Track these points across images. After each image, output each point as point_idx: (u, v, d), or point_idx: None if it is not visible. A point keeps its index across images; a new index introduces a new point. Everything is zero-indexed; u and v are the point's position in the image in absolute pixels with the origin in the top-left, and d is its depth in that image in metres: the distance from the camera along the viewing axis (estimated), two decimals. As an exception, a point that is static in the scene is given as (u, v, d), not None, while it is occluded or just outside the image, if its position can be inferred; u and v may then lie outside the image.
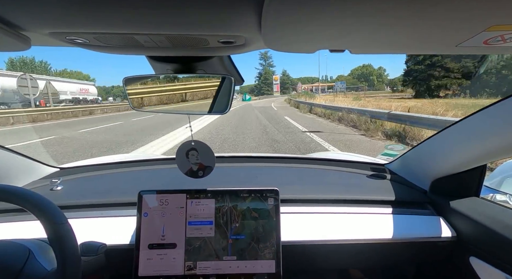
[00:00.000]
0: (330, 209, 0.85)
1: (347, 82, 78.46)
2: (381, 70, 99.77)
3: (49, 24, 0.35)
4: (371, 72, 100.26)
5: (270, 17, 0.31)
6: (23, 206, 0.50)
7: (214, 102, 0.64)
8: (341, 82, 60.57)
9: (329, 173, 1.14)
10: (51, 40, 0.40)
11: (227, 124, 9.52)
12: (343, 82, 60.80)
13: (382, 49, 0.44)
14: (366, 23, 0.32)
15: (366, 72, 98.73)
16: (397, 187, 0.97)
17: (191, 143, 0.72)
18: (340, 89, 51.76)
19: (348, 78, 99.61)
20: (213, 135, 7.06)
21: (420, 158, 0.96)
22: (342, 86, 54.88)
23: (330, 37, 0.37)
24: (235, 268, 0.67)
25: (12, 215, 0.84)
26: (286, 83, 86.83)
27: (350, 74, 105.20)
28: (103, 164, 1.24)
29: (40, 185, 1.00)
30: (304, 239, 0.76)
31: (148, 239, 0.67)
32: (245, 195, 0.70)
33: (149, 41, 0.42)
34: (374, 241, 0.77)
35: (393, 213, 0.84)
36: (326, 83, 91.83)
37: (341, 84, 57.13)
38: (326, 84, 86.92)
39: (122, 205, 0.87)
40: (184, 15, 0.33)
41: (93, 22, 0.34)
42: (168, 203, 0.69)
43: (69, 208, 0.84)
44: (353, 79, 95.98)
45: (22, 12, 0.31)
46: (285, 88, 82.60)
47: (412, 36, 0.36)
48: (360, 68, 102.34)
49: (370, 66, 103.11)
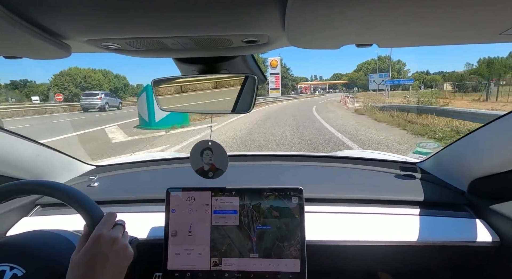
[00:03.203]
0: (355, 209, 0.83)
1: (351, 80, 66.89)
2: (400, 64, 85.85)
3: (87, 32, 0.38)
4: (390, 67, 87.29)
5: (294, 14, 0.30)
6: (67, 202, 0.54)
7: (237, 102, 0.64)
8: (382, 74, 37.05)
9: (355, 171, 1.11)
10: (89, 47, 0.44)
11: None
12: (385, 74, 36.73)
13: (413, 41, 0.41)
14: (396, 14, 0.30)
15: (383, 66, 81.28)
16: (429, 187, 0.91)
17: (208, 142, 0.73)
18: (378, 86, 33.81)
19: (355, 75, 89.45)
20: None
21: (458, 156, 0.90)
22: (382, 82, 32.60)
23: (357, 31, 0.36)
24: (260, 266, 0.67)
25: (57, 208, 0.92)
26: (284, 79, 64.30)
27: (358, 70, 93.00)
28: (135, 162, 1.31)
29: (79, 182, 1.08)
30: (329, 239, 0.75)
31: (176, 234, 0.70)
32: (268, 193, 0.70)
33: (176, 44, 0.44)
34: (404, 243, 0.73)
35: (425, 214, 0.80)
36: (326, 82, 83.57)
37: (382, 77, 34.81)
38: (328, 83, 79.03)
39: (151, 201, 0.91)
40: (209, 17, 0.34)
41: (125, 29, 0.37)
42: (194, 200, 0.71)
43: (104, 203, 0.90)
44: (364, 76, 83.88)
45: (64, 22, 0.34)
46: (281, 85, 53.72)
47: (447, 25, 0.34)
48: (372, 62, 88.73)
49: (388, 58, 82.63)
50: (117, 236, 0.50)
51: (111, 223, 0.51)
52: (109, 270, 0.46)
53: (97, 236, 0.47)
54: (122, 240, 0.50)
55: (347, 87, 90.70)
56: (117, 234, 0.50)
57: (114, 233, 0.50)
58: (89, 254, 0.45)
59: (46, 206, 0.94)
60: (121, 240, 0.50)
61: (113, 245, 0.48)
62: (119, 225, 0.53)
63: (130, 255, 0.51)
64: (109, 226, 0.51)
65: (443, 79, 67.13)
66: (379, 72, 48.68)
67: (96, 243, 0.47)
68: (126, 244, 0.51)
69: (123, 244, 0.50)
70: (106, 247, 0.47)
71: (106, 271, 0.45)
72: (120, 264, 0.49)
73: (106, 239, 0.47)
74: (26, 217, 0.90)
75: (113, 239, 0.48)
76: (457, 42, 0.41)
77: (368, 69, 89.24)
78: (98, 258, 0.45)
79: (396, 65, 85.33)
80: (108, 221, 0.51)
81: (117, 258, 0.48)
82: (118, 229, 0.52)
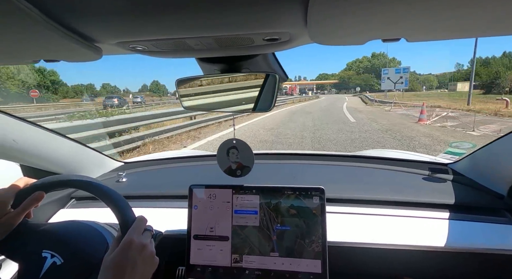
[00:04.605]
0: (380, 211, 0.80)
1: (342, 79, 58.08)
2: (395, 62, 75.75)
3: (117, 35, 0.40)
4: (385, 65, 70.62)
5: (317, 9, 0.29)
6: (105, 201, 0.57)
7: (258, 100, 0.64)
8: (399, 69, 25.84)
9: (380, 172, 1.06)
10: (118, 49, 0.46)
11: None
12: (405, 69, 25.33)
13: (445, 34, 0.38)
14: (426, 6, 0.28)
15: (377, 64, 72.64)
16: (463, 190, 0.85)
17: (232, 141, 0.73)
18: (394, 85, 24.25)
19: (346, 74, 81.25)
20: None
21: (497, 157, 0.83)
22: (400, 80, 24.13)
23: (383, 25, 0.34)
24: (280, 265, 0.67)
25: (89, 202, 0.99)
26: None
27: (348, 69, 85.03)
28: (160, 159, 1.37)
29: (109, 177, 1.15)
30: (351, 240, 0.73)
31: (198, 230, 0.72)
32: (289, 192, 0.69)
33: (198, 44, 0.45)
34: (433, 248, 0.69)
35: (457, 218, 0.75)
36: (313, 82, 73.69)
37: (400, 73, 24.93)
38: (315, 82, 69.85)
39: (175, 197, 0.95)
40: (230, 16, 0.34)
41: (151, 31, 0.38)
42: (215, 197, 0.73)
43: (131, 198, 0.95)
44: (356, 75, 76.13)
45: (96, 27, 0.37)
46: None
47: (485, 16, 0.31)
48: (365, 60, 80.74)
49: (384, 56, 73.38)
50: (146, 243, 0.52)
51: (142, 229, 0.54)
52: (136, 275, 0.48)
53: (128, 241, 0.50)
54: (150, 247, 0.53)
55: (337, 87, 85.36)
56: (146, 240, 0.52)
57: (144, 239, 0.52)
58: (120, 258, 0.48)
59: (80, 199, 1.01)
60: (149, 247, 0.53)
61: (142, 252, 0.50)
62: (148, 231, 0.55)
63: (156, 263, 0.53)
64: (140, 231, 0.53)
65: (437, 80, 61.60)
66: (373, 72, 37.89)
67: (126, 248, 0.49)
68: (153, 251, 0.53)
69: (151, 251, 0.53)
70: (135, 254, 0.49)
71: (134, 275, 0.48)
72: (147, 270, 0.51)
73: (136, 245, 0.50)
74: (63, 209, 0.97)
75: (142, 245, 0.51)
76: (498, 34, 0.37)
77: (360, 67, 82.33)
78: (128, 263, 0.48)
79: (391, 64, 75.89)
80: (139, 227, 0.53)
81: (144, 264, 0.50)
82: (147, 235, 0.54)
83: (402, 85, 25.08)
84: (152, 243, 0.55)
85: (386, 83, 26.51)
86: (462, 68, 70.91)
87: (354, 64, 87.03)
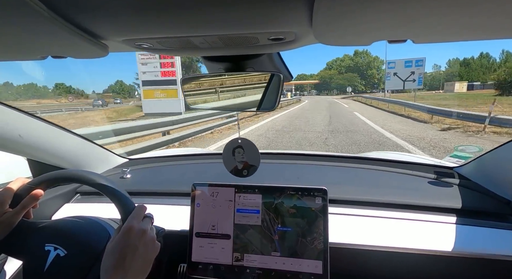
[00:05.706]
0: (383, 213, 0.79)
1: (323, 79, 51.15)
2: (378, 61, 68.38)
3: (123, 33, 0.40)
4: (369, 64, 61.90)
5: (322, 9, 0.29)
6: (104, 192, 0.58)
7: (262, 99, 0.64)
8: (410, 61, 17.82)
9: (384, 174, 1.05)
10: (124, 46, 0.46)
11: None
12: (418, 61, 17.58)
13: (454, 36, 0.38)
14: (434, 5, 0.28)
15: (361, 64, 63.84)
16: (468, 194, 0.84)
17: (238, 140, 0.73)
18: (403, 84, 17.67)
19: (327, 73, 75.19)
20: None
21: (504, 162, 0.81)
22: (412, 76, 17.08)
23: (390, 26, 0.34)
24: (281, 264, 0.67)
25: (94, 197, 1.00)
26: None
27: (328, 68, 78.77)
28: (164, 156, 1.38)
29: (113, 173, 1.16)
30: (353, 242, 0.72)
31: (200, 228, 0.72)
32: (291, 192, 0.69)
33: (203, 42, 0.45)
34: (437, 252, 0.69)
35: (462, 223, 0.74)
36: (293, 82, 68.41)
37: (411, 67, 17.78)
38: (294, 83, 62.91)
39: (178, 194, 0.95)
40: (235, 15, 0.34)
41: (157, 28, 0.39)
42: (218, 195, 0.73)
43: (135, 194, 0.96)
44: (338, 75, 69.66)
45: (103, 24, 0.37)
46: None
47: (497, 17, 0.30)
48: (347, 59, 74.20)
49: (368, 54, 63.81)
50: (146, 228, 0.53)
51: (141, 216, 0.54)
52: (138, 260, 0.49)
53: (128, 227, 0.51)
54: (150, 232, 0.53)
55: (318, 88, 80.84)
56: (146, 226, 0.53)
57: (144, 225, 0.53)
58: (121, 244, 0.49)
59: (85, 194, 1.02)
60: (149, 233, 0.53)
61: (142, 237, 0.51)
62: (148, 218, 0.56)
63: (157, 247, 0.54)
64: (139, 218, 0.54)
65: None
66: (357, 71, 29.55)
67: (127, 234, 0.50)
68: (154, 237, 0.54)
69: (151, 236, 0.53)
70: (135, 239, 0.50)
71: (135, 260, 0.48)
72: (148, 255, 0.51)
73: (136, 231, 0.51)
74: (68, 203, 0.98)
75: (142, 231, 0.51)
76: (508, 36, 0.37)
77: (341, 66, 76.33)
78: (129, 249, 0.49)
79: (375, 63, 70.51)
80: (138, 214, 0.54)
81: (145, 249, 0.51)
82: (147, 222, 0.55)
83: (415, 84, 17.55)
84: (152, 229, 0.55)
85: (392, 82, 19.05)
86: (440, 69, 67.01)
87: (335, 63, 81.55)
